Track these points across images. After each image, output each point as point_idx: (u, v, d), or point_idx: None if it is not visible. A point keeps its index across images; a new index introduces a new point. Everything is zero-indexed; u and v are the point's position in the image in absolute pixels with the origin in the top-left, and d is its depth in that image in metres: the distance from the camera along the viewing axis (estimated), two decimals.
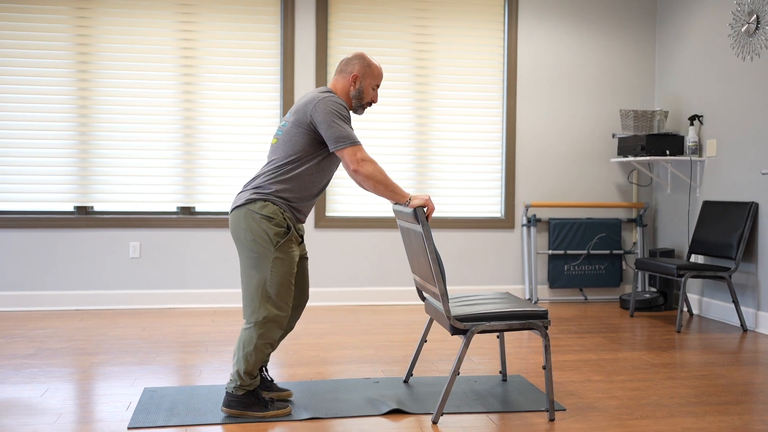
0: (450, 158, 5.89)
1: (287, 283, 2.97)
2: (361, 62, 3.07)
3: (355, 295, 5.76)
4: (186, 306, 5.56)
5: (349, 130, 2.93)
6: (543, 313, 3.05)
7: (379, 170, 2.93)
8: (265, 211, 2.93)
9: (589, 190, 6.07)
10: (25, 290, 5.37)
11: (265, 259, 2.93)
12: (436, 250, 2.99)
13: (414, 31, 5.80)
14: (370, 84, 3.09)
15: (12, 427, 2.87)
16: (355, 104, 3.10)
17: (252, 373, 2.98)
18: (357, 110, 3.13)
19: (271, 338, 2.97)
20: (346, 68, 3.08)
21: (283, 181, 2.96)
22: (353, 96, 3.08)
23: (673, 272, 4.91)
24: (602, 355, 4.17)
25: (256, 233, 2.92)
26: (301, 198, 3.00)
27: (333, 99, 2.95)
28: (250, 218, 2.94)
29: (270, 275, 2.93)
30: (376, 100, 3.15)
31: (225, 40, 5.58)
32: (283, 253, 2.95)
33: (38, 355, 4.03)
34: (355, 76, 3.06)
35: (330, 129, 2.91)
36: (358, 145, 2.93)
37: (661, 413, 3.13)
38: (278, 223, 2.94)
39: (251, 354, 2.95)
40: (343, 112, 2.95)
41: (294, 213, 3.00)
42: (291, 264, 2.98)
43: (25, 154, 5.38)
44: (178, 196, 5.58)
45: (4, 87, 5.33)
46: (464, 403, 3.21)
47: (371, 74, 3.08)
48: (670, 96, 5.90)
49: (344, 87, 3.08)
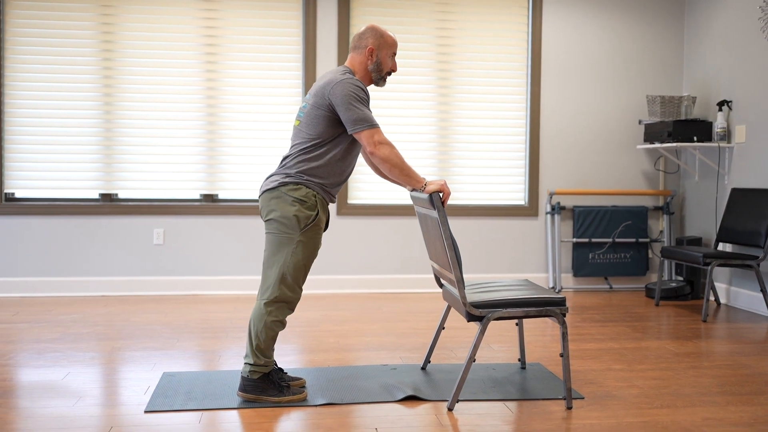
0: (473, 145, 5.84)
1: (304, 267, 2.99)
2: (374, 34, 3.06)
3: (378, 283, 5.75)
4: (209, 292, 5.60)
5: (367, 112, 2.92)
6: (560, 300, 3.02)
7: (396, 154, 2.92)
8: (297, 194, 2.95)
9: (615, 177, 5.98)
10: (51, 276, 5.45)
11: (289, 241, 2.95)
12: (452, 236, 2.97)
13: (437, 17, 5.75)
14: (386, 54, 3.08)
15: (32, 409, 2.91)
16: (375, 77, 3.10)
17: (264, 351, 3.00)
18: (378, 82, 3.12)
19: (281, 318, 2.99)
20: (360, 43, 3.07)
21: (310, 163, 2.97)
22: (372, 69, 3.07)
23: (699, 260, 4.83)
24: (624, 344, 4.11)
25: (285, 216, 2.95)
26: (330, 179, 3.02)
27: (351, 81, 2.94)
28: (281, 201, 2.96)
29: (290, 257, 2.95)
30: (395, 69, 3.14)
31: (248, 27, 5.58)
32: (307, 238, 2.97)
33: (62, 339, 4.08)
34: (370, 49, 3.05)
35: (348, 111, 2.90)
36: (376, 127, 2.92)
37: (682, 402, 3.08)
38: (309, 206, 2.96)
39: (261, 331, 2.98)
40: (361, 95, 2.94)
41: (325, 194, 3.02)
42: (313, 249, 3.00)
43: (52, 142, 5.44)
44: (201, 183, 5.61)
45: (31, 76, 5.40)
46: (481, 391, 3.18)
47: (386, 44, 3.07)
48: (698, 81, 5.79)
49: (362, 62, 3.07)
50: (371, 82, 3.11)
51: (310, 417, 2.87)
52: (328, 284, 5.70)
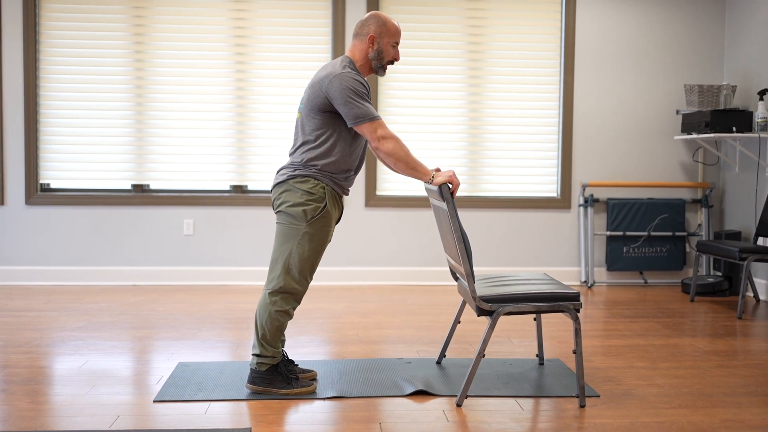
0: (505, 136, 5.74)
1: (311, 258, 2.97)
2: (376, 21, 2.99)
3: (404, 275, 5.71)
4: (237, 283, 5.63)
5: (366, 106, 2.87)
6: (574, 295, 2.93)
7: (401, 147, 2.87)
8: (306, 186, 2.94)
9: (651, 169, 5.81)
10: (83, 265, 5.55)
11: (296, 232, 2.94)
12: (462, 228, 2.91)
13: (467, 6, 5.66)
14: (388, 42, 3.00)
15: (46, 396, 2.96)
16: (375, 65, 3.03)
17: (271, 342, 2.99)
18: (378, 71, 3.05)
19: (286, 308, 2.98)
20: (362, 30, 3.00)
21: (316, 155, 2.95)
22: (372, 57, 3.01)
23: (735, 255, 4.66)
24: (652, 341, 3.99)
25: (293, 207, 2.94)
26: (339, 170, 2.98)
27: (348, 75, 2.88)
28: (290, 193, 2.95)
29: (296, 248, 2.94)
30: (398, 58, 3.06)
31: (277, 19, 5.58)
32: (314, 230, 2.95)
33: (86, 327, 4.15)
34: (372, 37, 2.98)
35: (346, 106, 2.86)
36: (377, 120, 2.87)
37: (702, 403, 2.97)
38: (317, 198, 2.94)
39: (267, 321, 2.97)
40: (359, 88, 2.88)
41: (336, 186, 2.99)
42: (320, 241, 2.97)
43: (85, 134, 5.53)
44: (230, 174, 5.64)
45: (66, 69, 5.49)
46: (493, 386, 3.12)
47: (388, 32, 2.99)
48: (739, 70, 5.57)
49: (362, 50, 3.01)
50: (372, 71, 3.05)
51: (317, 410, 2.85)
52: (354, 276, 5.68)
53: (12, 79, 5.45)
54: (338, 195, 3.03)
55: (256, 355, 3.01)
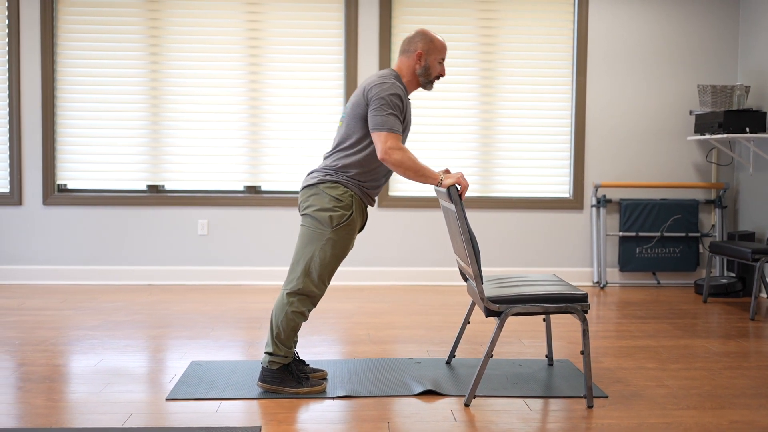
0: (517, 137, 5.75)
1: (332, 264, 3.02)
2: (424, 38, 3.08)
3: (417, 275, 5.73)
4: (250, 283, 5.68)
5: (391, 119, 2.93)
6: (582, 296, 2.95)
7: (408, 157, 2.91)
8: (335, 192, 2.99)
9: (664, 169, 5.80)
10: (99, 265, 5.62)
11: (320, 237, 2.99)
12: (470, 230, 2.93)
13: (479, 8, 5.68)
14: (435, 59, 3.09)
15: (62, 393, 3.01)
16: (423, 81, 3.12)
17: (285, 342, 3.03)
18: (426, 86, 3.14)
19: (302, 310, 3.02)
20: (410, 47, 3.09)
21: (348, 162, 3.01)
22: (420, 73, 3.09)
23: (748, 256, 4.65)
24: (662, 342, 3.99)
25: (320, 212, 2.99)
26: (368, 179, 3.05)
27: (391, 86, 2.96)
28: (319, 197, 3.01)
29: (318, 252, 2.99)
30: (444, 74, 3.15)
31: (291, 21, 5.62)
32: (338, 236, 3.00)
33: (101, 327, 4.21)
34: (419, 54, 3.07)
35: (374, 111, 2.94)
36: (393, 133, 2.92)
37: (711, 404, 2.97)
38: (345, 206, 3.00)
39: (282, 321, 3.02)
40: (395, 101, 2.95)
41: (363, 195, 3.05)
42: (342, 248, 3.03)
43: (102, 135, 5.61)
44: (244, 175, 5.69)
45: (83, 71, 5.57)
46: (502, 387, 3.14)
47: (435, 49, 3.08)
48: (753, 70, 5.55)
49: (409, 66, 3.09)
50: (419, 86, 3.13)
51: (326, 409, 2.89)
52: (367, 276, 5.71)
53: (30, 83, 5.53)
54: (364, 204, 3.09)
55: (269, 354, 3.05)
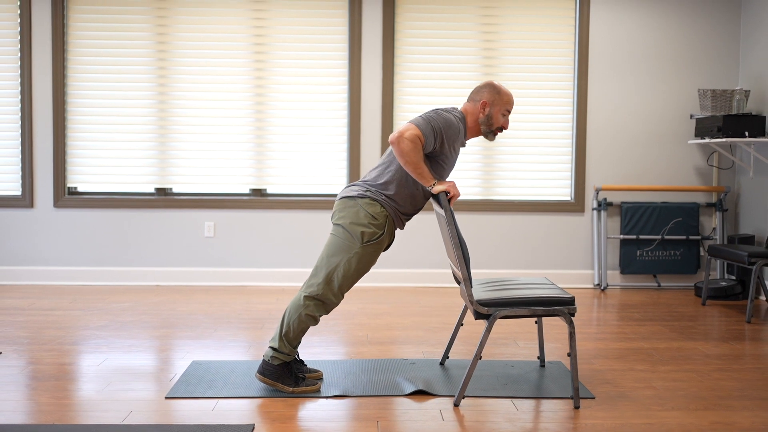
0: (519, 140, 5.82)
1: (354, 277, 3.12)
2: (491, 90, 3.19)
3: (421, 277, 5.82)
4: (256, 284, 5.79)
5: (427, 126, 3.02)
6: (569, 299, 3.02)
7: (416, 152, 2.99)
8: (371, 209, 3.09)
9: (665, 173, 5.85)
10: (108, 266, 5.75)
11: (348, 250, 3.09)
12: (460, 234, 3.01)
13: (481, 12, 5.75)
14: (499, 110, 3.19)
15: (66, 391, 3.13)
16: (485, 130, 3.22)
17: (291, 341, 3.13)
18: (487, 135, 3.25)
19: (315, 315, 3.12)
20: (476, 96, 3.21)
21: (384, 182, 3.12)
22: (482, 122, 3.20)
23: (744, 259, 4.69)
24: (656, 344, 4.05)
25: (353, 226, 3.08)
26: (405, 204, 3.15)
27: (447, 114, 3.08)
28: (355, 211, 3.10)
29: (344, 264, 3.09)
30: (506, 126, 3.25)
31: (295, 27, 5.72)
32: (365, 252, 3.10)
33: (108, 327, 4.33)
34: (484, 103, 3.18)
35: (419, 117, 3.05)
36: (418, 131, 3.00)
37: (696, 405, 3.04)
38: (378, 225, 3.10)
39: (294, 321, 3.12)
40: (440, 124, 3.04)
41: (396, 218, 3.16)
42: (367, 263, 3.13)
43: (111, 139, 5.74)
44: (250, 178, 5.80)
45: (92, 77, 5.70)
46: (492, 387, 3.22)
47: (500, 101, 3.19)
48: (754, 74, 5.59)
49: (474, 113, 3.21)
50: (479, 133, 3.24)
51: (319, 407, 2.98)
52: (371, 278, 5.80)
53: (41, 89, 5.67)
54: (395, 226, 3.19)
55: (273, 349, 3.15)
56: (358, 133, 5.73)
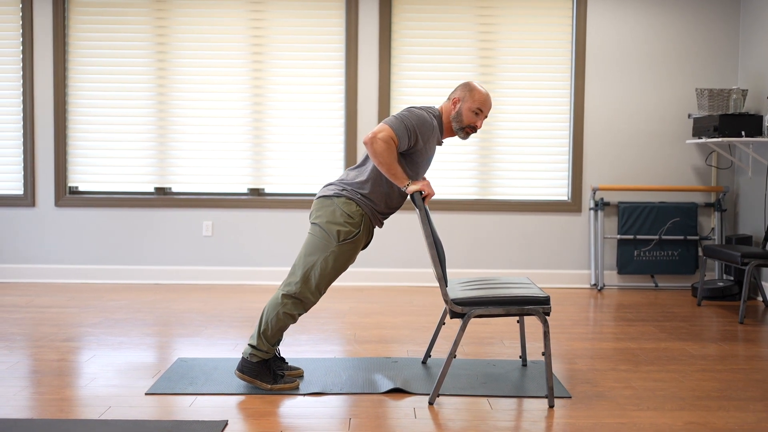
0: (516, 140, 5.82)
1: (331, 275, 3.15)
2: (464, 88, 3.22)
3: (414, 276, 5.83)
4: (253, 282, 5.84)
5: (400, 126, 3.04)
6: (543, 299, 3.03)
7: (389, 153, 3.02)
8: (347, 208, 3.12)
9: (663, 173, 5.82)
10: (108, 264, 5.83)
11: (325, 249, 3.12)
12: (435, 234, 3.03)
13: (478, 12, 5.76)
14: (469, 108, 3.19)
15: (47, 387, 3.18)
16: (455, 126, 3.24)
17: (270, 339, 3.16)
18: (458, 133, 3.25)
19: (293, 313, 3.15)
20: (452, 95, 3.25)
21: (360, 181, 3.15)
22: (453, 118, 3.22)
23: (738, 260, 4.67)
24: (643, 345, 4.05)
25: (330, 225, 3.12)
26: (382, 203, 3.18)
27: (421, 112, 3.11)
28: (331, 210, 3.14)
29: (320, 262, 3.12)
30: (479, 126, 3.23)
31: (292, 27, 5.76)
32: (341, 251, 3.13)
33: (101, 324, 4.39)
34: (455, 100, 3.22)
35: (393, 116, 3.08)
36: (390, 130, 3.03)
37: (672, 406, 3.03)
38: (354, 224, 3.13)
39: (272, 319, 3.15)
40: (413, 122, 3.07)
41: (373, 217, 3.19)
42: (344, 262, 3.16)
43: (110, 138, 5.81)
44: (248, 178, 5.85)
45: (93, 77, 5.78)
46: (469, 386, 3.24)
47: (470, 98, 3.19)
48: (752, 74, 5.55)
49: (448, 110, 3.24)
50: (452, 132, 3.26)
51: (295, 404, 3.01)
52: (365, 277, 5.83)
53: (43, 89, 5.75)
54: (372, 225, 3.21)
55: (252, 346, 3.18)
56: (354, 133, 5.76)
